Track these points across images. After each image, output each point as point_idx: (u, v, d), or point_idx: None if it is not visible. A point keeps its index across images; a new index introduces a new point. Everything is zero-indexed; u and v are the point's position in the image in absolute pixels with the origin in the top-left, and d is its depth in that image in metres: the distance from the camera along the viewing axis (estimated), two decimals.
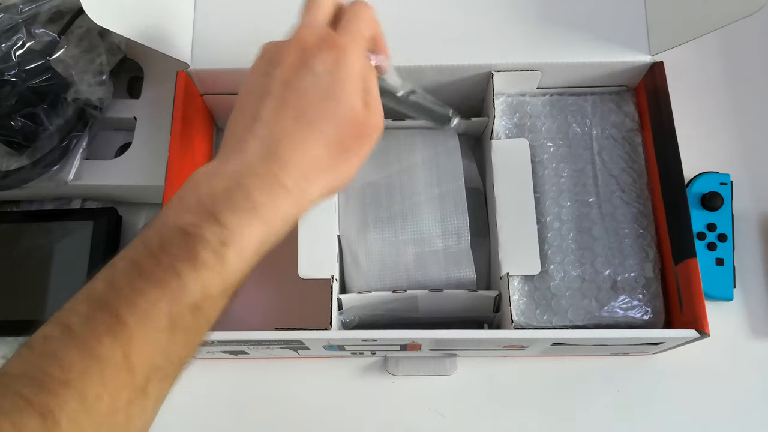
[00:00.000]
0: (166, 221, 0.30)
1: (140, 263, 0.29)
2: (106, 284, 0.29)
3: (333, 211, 0.48)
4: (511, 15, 0.50)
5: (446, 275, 0.49)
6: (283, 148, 0.32)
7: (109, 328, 0.27)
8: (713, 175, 0.55)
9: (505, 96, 0.52)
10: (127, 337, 0.27)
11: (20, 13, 0.48)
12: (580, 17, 0.50)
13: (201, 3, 0.50)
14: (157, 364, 0.28)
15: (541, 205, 0.49)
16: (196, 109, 0.52)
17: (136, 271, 0.29)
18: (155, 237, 0.30)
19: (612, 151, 0.51)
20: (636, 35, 0.49)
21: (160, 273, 0.28)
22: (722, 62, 0.61)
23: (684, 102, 0.51)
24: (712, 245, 0.53)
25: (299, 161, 0.32)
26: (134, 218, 0.56)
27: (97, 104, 0.51)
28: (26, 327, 0.50)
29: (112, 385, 0.27)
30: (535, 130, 0.51)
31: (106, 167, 0.53)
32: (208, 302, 0.29)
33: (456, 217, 0.49)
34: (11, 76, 0.47)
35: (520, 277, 0.47)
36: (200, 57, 0.49)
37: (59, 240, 0.52)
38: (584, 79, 0.51)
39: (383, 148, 0.52)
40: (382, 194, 0.50)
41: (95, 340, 0.27)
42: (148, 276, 0.28)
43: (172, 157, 0.47)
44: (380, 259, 0.49)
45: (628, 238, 0.49)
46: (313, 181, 0.33)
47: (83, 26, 0.51)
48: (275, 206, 0.31)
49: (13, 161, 0.49)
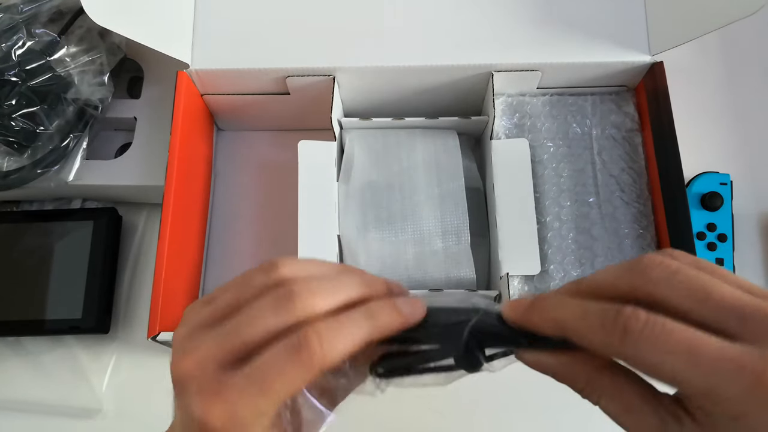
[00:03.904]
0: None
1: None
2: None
3: (333, 211, 0.48)
4: (511, 15, 0.50)
5: (446, 275, 0.49)
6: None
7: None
8: (713, 175, 0.55)
9: (505, 96, 0.52)
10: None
11: (20, 13, 0.48)
12: (580, 17, 0.50)
13: (201, 3, 0.50)
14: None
15: (541, 205, 0.49)
16: (196, 109, 0.52)
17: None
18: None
19: (612, 151, 0.51)
20: (636, 35, 0.49)
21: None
22: (722, 62, 0.61)
23: (684, 102, 0.51)
24: (712, 245, 0.53)
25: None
26: (134, 218, 0.56)
27: (97, 104, 0.51)
28: (26, 327, 0.50)
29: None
30: (535, 130, 0.51)
31: (106, 167, 0.53)
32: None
33: (456, 216, 0.49)
34: (11, 76, 0.47)
35: (520, 277, 0.47)
36: (200, 57, 0.49)
37: (59, 240, 0.52)
38: (584, 79, 0.51)
39: (383, 148, 0.52)
40: (382, 194, 0.50)
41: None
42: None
43: (172, 157, 0.47)
44: (380, 259, 0.49)
45: (627, 238, 0.49)
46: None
47: (83, 26, 0.51)
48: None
49: (13, 161, 0.49)
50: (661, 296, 0.23)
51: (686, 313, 0.22)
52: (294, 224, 0.47)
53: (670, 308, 0.23)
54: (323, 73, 0.49)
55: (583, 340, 0.24)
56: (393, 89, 0.52)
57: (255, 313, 0.25)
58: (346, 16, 0.50)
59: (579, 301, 0.25)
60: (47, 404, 0.51)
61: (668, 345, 0.22)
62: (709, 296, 0.22)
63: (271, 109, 0.55)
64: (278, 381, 0.24)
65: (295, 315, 0.25)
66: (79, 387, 0.51)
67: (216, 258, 0.55)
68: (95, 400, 0.51)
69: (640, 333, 0.22)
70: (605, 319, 0.23)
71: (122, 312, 0.54)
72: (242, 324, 0.25)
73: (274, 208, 0.56)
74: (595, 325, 0.23)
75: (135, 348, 0.53)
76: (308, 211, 0.47)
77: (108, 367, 0.52)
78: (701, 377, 0.21)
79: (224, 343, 0.25)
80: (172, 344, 0.27)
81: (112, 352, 0.53)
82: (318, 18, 0.50)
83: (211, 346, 0.25)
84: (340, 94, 0.52)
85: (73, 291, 0.50)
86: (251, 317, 0.25)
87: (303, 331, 0.24)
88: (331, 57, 0.49)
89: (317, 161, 0.49)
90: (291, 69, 0.49)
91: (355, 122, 0.52)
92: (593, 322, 0.23)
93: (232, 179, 0.57)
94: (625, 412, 0.24)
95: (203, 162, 0.54)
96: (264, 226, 0.55)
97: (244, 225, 0.56)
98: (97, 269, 0.51)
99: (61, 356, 0.52)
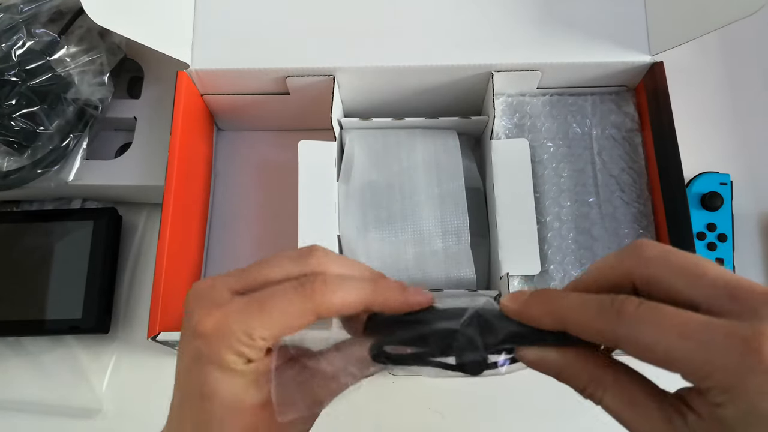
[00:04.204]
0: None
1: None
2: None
3: (333, 211, 0.48)
4: (511, 15, 0.50)
5: (446, 275, 0.49)
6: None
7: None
8: (713, 175, 0.55)
9: (505, 96, 0.52)
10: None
11: (20, 12, 0.48)
12: (580, 17, 0.50)
13: (201, 3, 0.50)
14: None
15: (541, 205, 0.49)
16: (196, 109, 0.52)
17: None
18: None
19: (612, 151, 0.51)
20: (636, 35, 0.49)
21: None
22: (722, 62, 0.61)
23: (684, 102, 0.51)
24: (712, 245, 0.53)
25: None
26: (134, 218, 0.56)
27: (97, 104, 0.51)
28: (26, 327, 0.50)
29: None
30: (535, 130, 0.51)
31: (106, 167, 0.53)
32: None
33: (456, 216, 0.49)
34: (11, 76, 0.47)
35: (520, 277, 0.47)
36: (200, 57, 0.49)
37: (59, 240, 0.52)
38: (584, 79, 0.51)
39: (383, 148, 0.52)
40: (382, 194, 0.50)
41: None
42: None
43: (172, 157, 0.47)
44: (380, 259, 0.49)
45: (628, 238, 0.49)
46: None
47: (83, 26, 0.51)
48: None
49: (13, 161, 0.49)
50: (655, 275, 0.24)
51: (678, 293, 0.23)
52: (294, 224, 0.47)
53: (663, 289, 0.24)
54: (323, 73, 0.49)
55: (582, 329, 0.25)
56: (393, 89, 0.52)
57: (276, 261, 0.28)
58: (346, 16, 0.50)
59: (577, 293, 0.25)
60: (47, 404, 0.51)
61: (661, 324, 0.22)
62: (701, 274, 0.23)
63: (271, 109, 0.55)
64: (276, 308, 0.26)
65: (310, 266, 0.27)
66: (79, 387, 0.51)
67: (216, 258, 0.55)
68: (95, 400, 0.51)
69: (634, 314, 0.23)
70: (602, 306, 0.24)
71: (122, 312, 0.54)
72: (262, 266, 0.28)
73: (274, 208, 0.56)
74: (593, 314, 0.24)
75: (135, 348, 0.53)
76: (308, 211, 0.47)
77: (108, 367, 0.52)
78: (693, 350, 0.22)
79: (241, 276, 0.27)
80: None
81: (112, 352, 0.53)
82: (318, 18, 0.50)
83: (229, 278, 0.27)
84: (340, 94, 0.52)
85: (73, 291, 0.50)
86: (271, 263, 0.28)
87: (312, 275, 0.27)
88: (331, 57, 0.49)
89: (317, 161, 0.49)
90: (291, 69, 0.49)
91: (355, 122, 0.52)
92: (591, 311, 0.24)
93: (232, 179, 0.57)
94: (629, 406, 0.24)
95: (203, 162, 0.54)
96: (264, 226, 0.55)
97: (244, 225, 0.56)
98: (97, 269, 0.51)
99: (61, 356, 0.52)
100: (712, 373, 0.22)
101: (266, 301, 0.26)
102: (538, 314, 0.26)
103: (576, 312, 0.25)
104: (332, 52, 0.49)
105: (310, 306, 0.26)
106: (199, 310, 0.26)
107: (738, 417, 0.22)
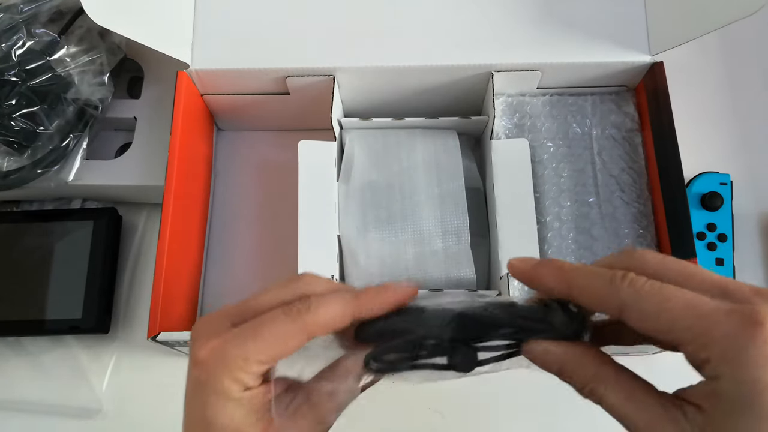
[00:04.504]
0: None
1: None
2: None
3: (333, 211, 0.48)
4: (511, 15, 0.50)
5: (446, 275, 0.49)
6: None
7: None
8: (713, 175, 0.55)
9: (505, 96, 0.52)
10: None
11: (20, 12, 0.48)
12: (580, 17, 0.50)
13: (201, 3, 0.50)
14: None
15: (541, 205, 0.49)
16: (196, 109, 0.52)
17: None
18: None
19: (612, 151, 0.51)
20: (636, 35, 0.49)
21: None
22: (722, 62, 0.61)
23: (684, 102, 0.51)
24: (712, 245, 0.53)
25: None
26: (134, 218, 0.56)
27: (97, 104, 0.51)
28: (26, 327, 0.50)
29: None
30: (535, 130, 0.51)
31: (106, 167, 0.53)
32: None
33: (456, 216, 0.49)
34: (11, 76, 0.47)
35: None
36: (200, 57, 0.49)
37: (59, 240, 0.52)
38: (584, 79, 0.51)
39: (383, 148, 0.52)
40: (382, 194, 0.50)
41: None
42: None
43: (172, 157, 0.47)
44: (380, 259, 0.49)
45: (627, 238, 0.49)
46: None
47: (83, 26, 0.51)
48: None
49: (13, 161, 0.49)
50: (652, 274, 0.25)
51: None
52: (294, 224, 0.47)
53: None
54: (323, 73, 0.49)
55: (587, 294, 0.26)
56: (393, 89, 0.52)
57: (269, 290, 0.29)
58: (346, 16, 0.50)
59: (587, 265, 0.27)
60: (47, 404, 0.51)
61: (667, 295, 0.24)
62: (696, 275, 0.25)
63: (271, 109, 0.55)
64: (268, 331, 0.27)
65: (300, 290, 0.28)
66: (79, 387, 0.51)
67: (216, 258, 0.55)
68: (95, 400, 0.51)
69: (643, 286, 0.24)
70: (610, 276, 0.25)
71: (122, 312, 0.54)
72: (258, 296, 0.29)
73: (274, 208, 0.56)
74: (600, 281, 0.25)
75: (135, 348, 0.53)
76: (308, 211, 0.47)
77: (108, 367, 0.52)
78: (696, 319, 0.23)
79: (239, 308, 0.29)
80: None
81: (112, 352, 0.53)
82: (318, 18, 0.50)
83: (229, 310, 0.29)
84: (340, 94, 0.52)
85: (73, 291, 0.50)
86: (265, 293, 0.29)
87: (300, 299, 0.28)
88: (331, 57, 0.49)
89: (317, 161, 0.49)
90: (291, 69, 0.49)
91: (355, 122, 0.52)
92: (598, 279, 0.25)
93: (232, 179, 0.57)
94: (629, 400, 0.25)
95: (203, 162, 0.54)
96: (264, 226, 0.55)
97: (244, 225, 0.56)
98: (97, 269, 0.51)
99: (61, 356, 0.52)
100: (713, 342, 0.23)
101: (259, 326, 0.27)
102: (546, 275, 0.27)
103: (583, 277, 0.26)
104: (332, 52, 0.49)
105: (300, 325, 0.27)
106: (198, 339, 0.28)
107: (736, 388, 0.22)
